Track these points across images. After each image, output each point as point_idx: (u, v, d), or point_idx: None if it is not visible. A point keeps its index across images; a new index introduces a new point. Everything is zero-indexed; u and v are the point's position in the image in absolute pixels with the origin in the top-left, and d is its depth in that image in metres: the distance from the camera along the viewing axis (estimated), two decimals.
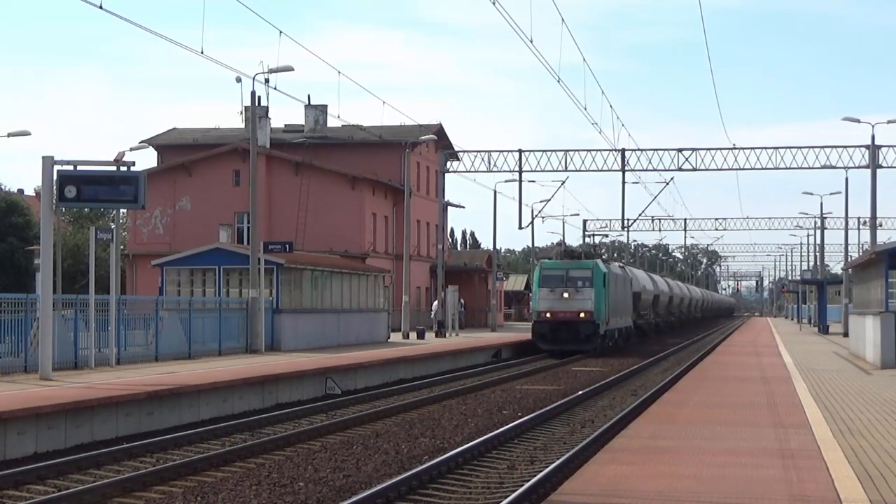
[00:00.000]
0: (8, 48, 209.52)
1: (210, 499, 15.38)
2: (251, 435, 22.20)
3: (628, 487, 13.10)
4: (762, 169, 64.83)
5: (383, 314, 53.70)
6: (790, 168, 64.72)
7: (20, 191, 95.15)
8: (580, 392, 31.50)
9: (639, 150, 65.96)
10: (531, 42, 36.94)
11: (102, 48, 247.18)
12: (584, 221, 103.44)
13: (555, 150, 65.92)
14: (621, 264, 68.38)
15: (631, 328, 62.54)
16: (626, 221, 73.52)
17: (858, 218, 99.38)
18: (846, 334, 61.10)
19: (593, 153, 65.87)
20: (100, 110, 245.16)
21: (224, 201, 69.81)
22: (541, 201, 75.89)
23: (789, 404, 23.19)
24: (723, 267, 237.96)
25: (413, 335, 56.76)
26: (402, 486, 15.67)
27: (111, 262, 33.23)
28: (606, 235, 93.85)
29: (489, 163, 66.35)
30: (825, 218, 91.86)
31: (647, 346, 63.63)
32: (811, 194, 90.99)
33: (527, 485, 15.38)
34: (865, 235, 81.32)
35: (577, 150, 65.96)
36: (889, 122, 61.30)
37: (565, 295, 50.62)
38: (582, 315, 50.44)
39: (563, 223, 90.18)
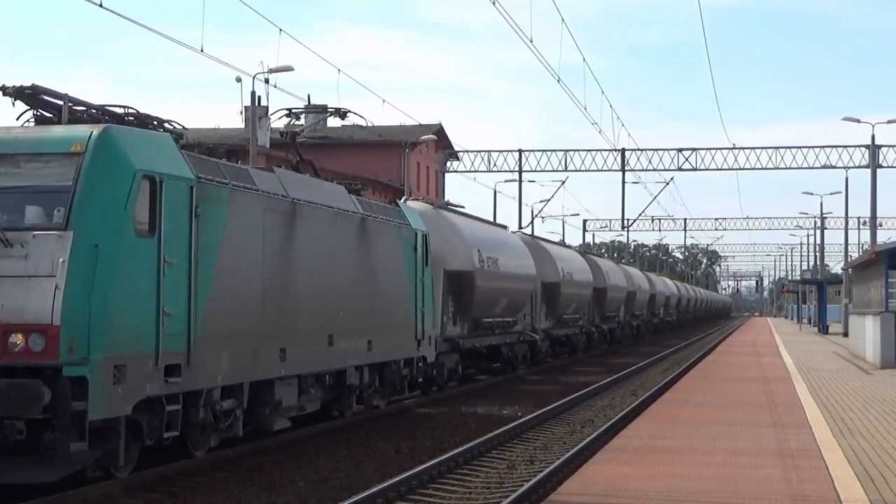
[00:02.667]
0: (8, 48, 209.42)
1: (210, 499, 15.36)
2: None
3: (628, 487, 13.10)
4: (762, 169, 64.96)
5: None
6: (790, 168, 64.90)
7: None
8: None
9: (639, 150, 66.10)
10: (531, 42, 36.97)
11: (102, 48, 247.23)
12: (584, 221, 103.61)
13: (555, 150, 66.13)
14: (394, 204, 26.47)
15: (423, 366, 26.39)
16: (626, 221, 73.62)
17: (858, 218, 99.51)
18: (846, 334, 61.11)
19: (593, 153, 66.00)
20: None
21: None
22: (541, 201, 75.58)
23: (789, 404, 23.20)
24: (723, 267, 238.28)
25: None
26: (402, 486, 15.66)
27: None
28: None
29: (489, 163, 66.43)
30: (825, 218, 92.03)
31: (644, 346, 63.62)
32: (811, 194, 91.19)
33: (527, 485, 15.36)
34: (865, 235, 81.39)
35: (577, 150, 66.15)
36: (889, 122, 61.36)
37: None
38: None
39: (563, 223, 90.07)
